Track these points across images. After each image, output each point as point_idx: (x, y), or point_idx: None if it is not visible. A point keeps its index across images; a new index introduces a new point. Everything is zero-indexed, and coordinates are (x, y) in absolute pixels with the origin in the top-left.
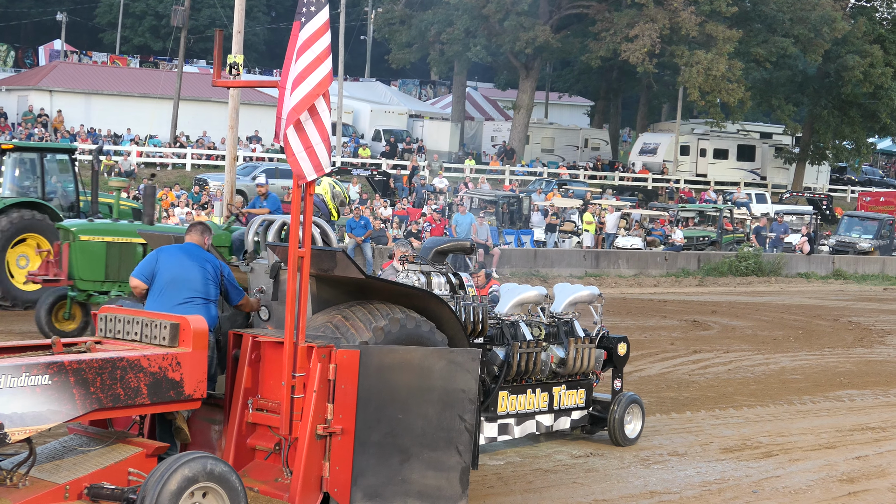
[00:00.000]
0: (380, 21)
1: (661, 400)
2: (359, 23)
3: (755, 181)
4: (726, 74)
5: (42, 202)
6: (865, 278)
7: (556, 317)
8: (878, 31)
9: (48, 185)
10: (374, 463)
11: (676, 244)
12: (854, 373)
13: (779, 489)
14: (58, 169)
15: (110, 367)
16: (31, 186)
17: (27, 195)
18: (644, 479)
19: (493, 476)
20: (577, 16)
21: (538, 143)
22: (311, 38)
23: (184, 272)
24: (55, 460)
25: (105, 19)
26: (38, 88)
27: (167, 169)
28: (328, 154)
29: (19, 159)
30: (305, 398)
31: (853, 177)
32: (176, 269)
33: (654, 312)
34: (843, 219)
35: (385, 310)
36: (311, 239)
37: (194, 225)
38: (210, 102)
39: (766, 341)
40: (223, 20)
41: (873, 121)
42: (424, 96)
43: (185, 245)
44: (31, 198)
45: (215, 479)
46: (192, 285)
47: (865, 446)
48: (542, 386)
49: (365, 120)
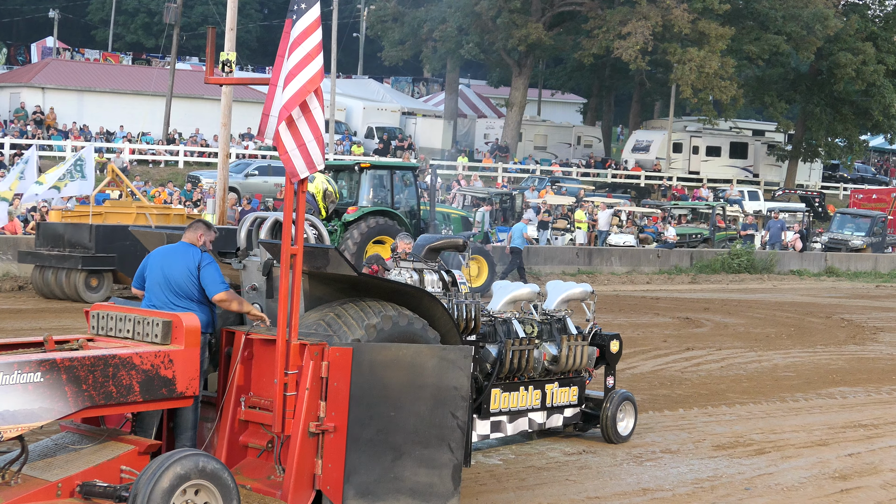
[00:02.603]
0: (372, 18)
1: (654, 397)
2: (351, 20)
3: (748, 178)
4: (719, 72)
5: (391, 210)
6: (858, 275)
7: (548, 314)
8: (870, 28)
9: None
10: (367, 460)
11: (669, 241)
12: (846, 370)
13: (771, 486)
14: (403, 183)
15: (102, 365)
16: (383, 198)
17: (380, 205)
18: (637, 477)
19: (486, 473)
20: (570, 13)
21: (531, 140)
22: (301, 35)
23: (166, 273)
24: (47, 458)
25: (97, 16)
26: (30, 86)
27: (160, 166)
28: (321, 151)
29: (373, 175)
30: (298, 396)
31: (845, 174)
32: (158, 270)
33: (646, 310)
34: (836, 216)
35: (377, 307)
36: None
37: (194, 223)
38: (203, 100)
39: (758, 338)
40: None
41: (866, 118)
42: (417, 94)
43: (175, 245)
44: (383, 207)
45: (207, 476)
46: (174, 286)
47: (858, 443)
48: (535, 383)
49: (358, 117)
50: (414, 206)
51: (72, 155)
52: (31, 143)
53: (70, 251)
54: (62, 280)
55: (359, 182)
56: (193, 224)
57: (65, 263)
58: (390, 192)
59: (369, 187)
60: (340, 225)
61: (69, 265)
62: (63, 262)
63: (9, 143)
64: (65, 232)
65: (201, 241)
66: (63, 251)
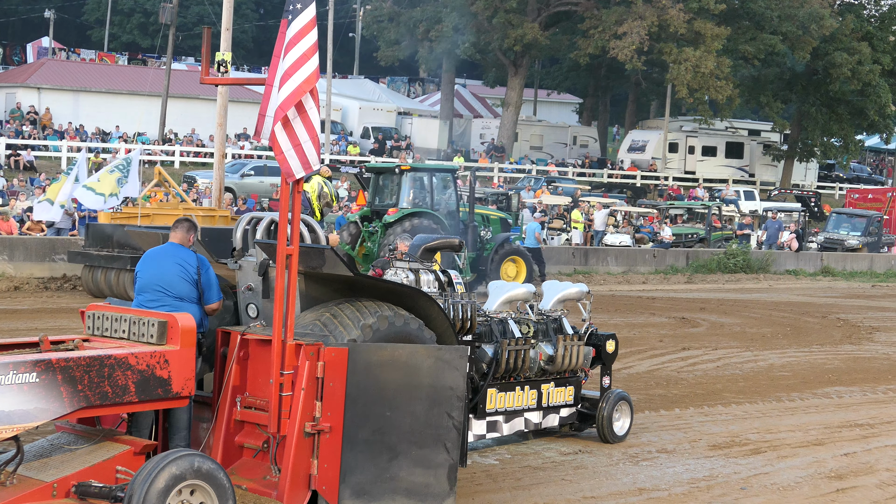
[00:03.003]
0: (368, 18)
1: (650, 397)
2: (347, 20)
3: (744, 178)
4: (714, 72)
5: (431, 212)
6: (854, 275)
7: (544, 314)
8: (865, 28)
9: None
10: (363, 460)
11: (665, 241)
12: (842, 369)
13: (767, 486)
14: (442, 185)
15: (98, 365)
16: (423, 199)
17: (419, 206)
18: (633, 476)
19: (482, 473)
20: (566, 13)
21: (527, 140)
22: (297, 35)
23: (158, 273)
24: (43, 458)
25: (93, 16)
26: (26, 86)
27: (156, 166)
28: (316, 152)
29: (413, 177)
30: (294, 396)
31: (841, 174)
32: (150, 270)
33: (642, 309)
34: (832, 216)
35: (373, 307)
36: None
37: (179, 222)
38: (198, 100)
39: (754, 338)
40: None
41: (861, 118)
42: (413, 94)
43: (164, 245)
44: (422, 209)
45: (203, 476)
46: (164, 286)
47: (853, 443)
48: (531, 383)
49: (354, 117)
50: (454, 208)
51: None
52: (26, 144)
53: (118, 251)
54: (111, 280)
55: (399, 184)
56: (179, 224)
57: (114, 264)
58: (430, 193)
59: (409, 189)
60: (381, 226)
61: (118, 265)
62: (112, 262)
63: (4, 144)
64: (113, 233)
65: (191, 241)
66: (112, 251)
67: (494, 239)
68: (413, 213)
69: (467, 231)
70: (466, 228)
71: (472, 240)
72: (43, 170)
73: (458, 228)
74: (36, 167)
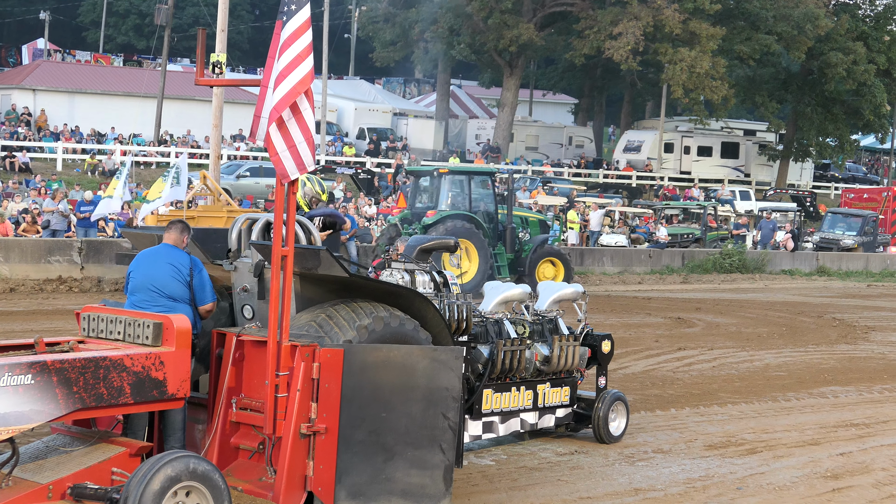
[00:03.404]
0: (364, 19)
1: (646, 397)
2: (343, 21)
3: (739, 178)
4: (710, 72)
5: (469, 214)
6: (849, 275)
7: (540, 315)
8: (860, 28)
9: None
10: (358, 461)
11: (661, 242)
12: (838, 369)
13: (763, 486)
14: (480, 187)
15: (93, 367)
16: (461, 202)
17: (458, 209)
18: (629, 477)
19: (478, 474)
20: (561, 13)
21: (522, 140)
22: (292, 36)
23: (150, 273)
24: (38, 460)
25: (88, 18)
26: (21, 87)
27: (151, 168)
28: (311, 152)
29: (452, 180)
30: (289, 397)
31: (837, 174)
32: (143, 271)
33: (638, 310)
34: (827, 216)
35: (369, 308)
36: (294, 237)
37: (173, 223)
38: (194, 101)
39: (750, 338)
40: (207, 19)
41: (857, 118)
42: (409, 94)
43: (157, 246)
44: (461, 211)
45: (199, 478)
46: (156, 287)
47: (849, 443)
48: (527, 384)
49: (349, 118)
50: (492, 210)
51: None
52: (22, 146)
53: None
54: None
55: (438, 187)
56: (173, 225)
57: None
58: (468, 196)
59: (448, 192)
60: (421, 228)
61: None
62: None
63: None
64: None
65: (185, 242)
66: None
67: (533, 240)
68: (450, 216)
69: (506, 233)
70: (505, 230)
71: (511, 241)
72: (38, 171)
73: (496, 230)
74: (31, 169)
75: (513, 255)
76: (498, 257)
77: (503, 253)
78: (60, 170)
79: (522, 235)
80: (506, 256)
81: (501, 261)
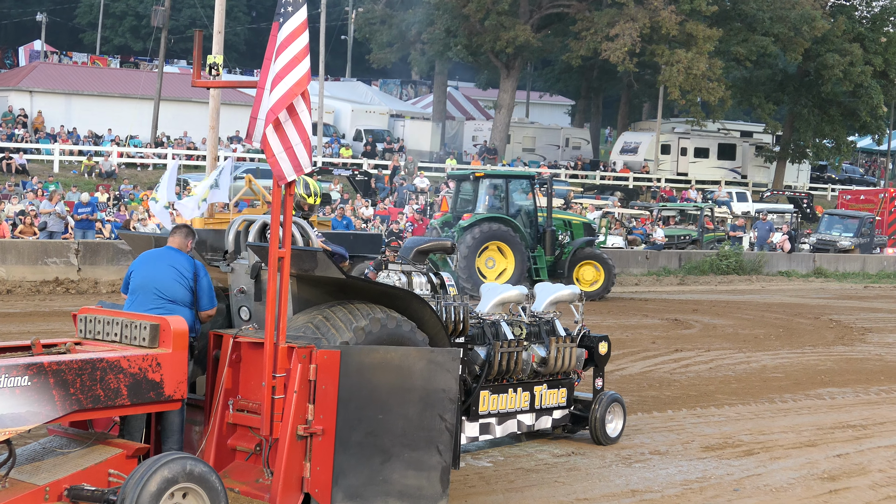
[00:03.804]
0: (360, 21)
1: (643, 399)
2: (339, 22)
3: (736, 180)
4: (707, 73)
5: (504, 217)
6: (846, 276)
7: (537, 316)
8: (857, 29)
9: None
10: (355, 463)
11: (657, 243)
12: (835, 371)
13: (760, 487)
14: (519, 191)
15: (90, 369)
16: (499, 205)
17: (494, 212)
18: (626, 478)
19: (475, 475)
20: (558, 15)
21: (519, 142)
22: (289, 38)
23: (151, 276)
24: (35, 462)
25: (85, 19)
26: (18, 89)
27: (148, 169)
28: (308, 154)
29: (489, 184)
30: (286, 399)
31: (833, 175)
32: (143, 273)
33: (635, 311)
34: (824, 217)
35: (366, 310)
36: (291, 239)
37: (177, 227)
38: (191, 102)
39: (747, 339)
40: (204, 20)
41: (853, 119)
42: (405, 96)
43: (161, 248)
44: (497, 214)
45: (195, 479)
46: (158, 289)
47: (846, 444)
48: (524, 385)
49: (346, 120)
50: (532, 213)
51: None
52: (19, 147)
53: (212, 255)
54: None
55: (476, 190)
56: (178, 229)
57: None
58: (506, 199)
59: (485, 195)
60: (458, 230)
61: None
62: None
63: None
64: (207, 237)
65: (189, 247)
66: (205, 255)
67: (574, 243)
68: (486, 218)
69: (545, 235)
70: (544, 233)
71: (551, 244)
72: (35, 173)
73: (535, 233)
74: (28, 170)
75: (552, 257)
76: (537, 259)
77: (542, 255)
78: (57, 171)
79: (562, 238)
80: (545, 259)
81: (541, 263)
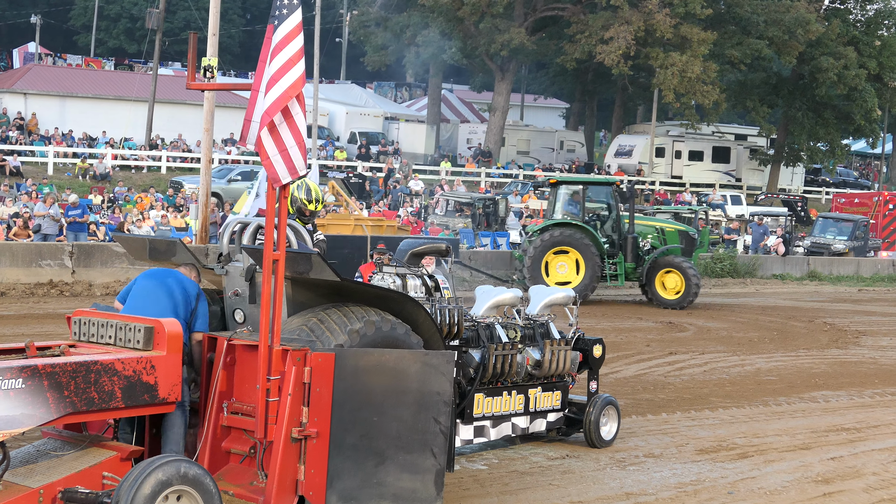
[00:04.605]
0: (355, 23)
1: (637, 401)
2: (334, 25)
3: (730, 183)
4: (701, 76)
5: (577, 222)
6: (840, 279)
7: (531, 319)
8: (851, 33)
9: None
10: (350, 466)
11: None
12: (829, 374)
13: (754, 490)
14: (598, 197)
15: (84, 371)
16: (575, 211)
17: (568, 218)
18: (620, 481)
19: (469, 478)
20: (553, 18)
21: (514, 145)
22: (283, 41)
23: (157, 285)
24: (29, 464)
25: (80, 22)
26: (12, 91)
27: (142, 172)
28: (303, 157)
29: (564, 190)
30: (280, 401)
31: (828, 178)
32: (151, 282)
33: (629, 314)
34: (818, 220)
35: (360, 312)
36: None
37: (185, 265)
38: (185, 105)
39: (741, 343)
40: (198, 23)
41: (847, 122)
42: (400, 98)
43: (169, 269)
44: (571, 220)
45: (189, 482)
46: (155, 306)
47: (840, 447)
48: (518, 388)
49: (340, 122)
50: (613, 219)
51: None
52: (13, 149)
53: None
54: None
55: (553, 197)
56: (188, 266)
57: None
58: (581, 205)
59: (561, 201)
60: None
61: None
62: None
63: None
64: None
65: (194, 280)
66: None
67: (655, 252)
68: (556, 224)
69: (626, 242)
70: (626, 240)
71: (632, 250)
72: (29, 175)
73: (618, 239)
74: (22, 173)
75: (633, 264)
76: (617, 266)
77: (622, 262)
78: (51, 174)
79: (643, 244)
80: (624, 265)
81: (619, 269)
